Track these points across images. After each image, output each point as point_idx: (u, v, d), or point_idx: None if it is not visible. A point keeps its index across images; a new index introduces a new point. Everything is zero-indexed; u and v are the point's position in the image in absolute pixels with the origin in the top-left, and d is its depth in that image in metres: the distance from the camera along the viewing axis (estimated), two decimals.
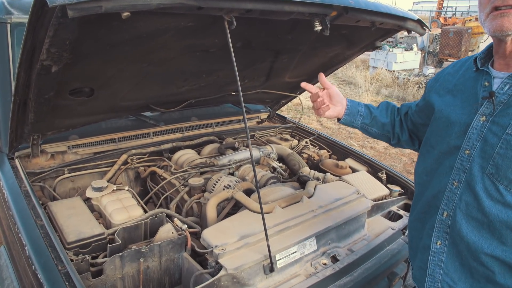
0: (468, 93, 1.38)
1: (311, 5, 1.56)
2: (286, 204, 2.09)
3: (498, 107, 1.23)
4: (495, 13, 1.16)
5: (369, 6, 1.75)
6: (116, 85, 2.13)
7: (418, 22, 2.14)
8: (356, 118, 1.79)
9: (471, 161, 1.29)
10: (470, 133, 1.30)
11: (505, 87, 1.23)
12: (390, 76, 12.65)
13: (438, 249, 1.41)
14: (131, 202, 2.04)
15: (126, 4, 1.19)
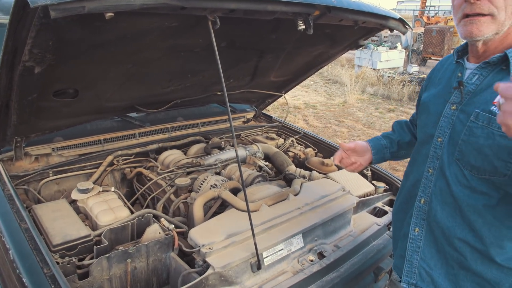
0: (445, 84, 1.45)
1: (294, 5, 1.58)
2: (273, 202, 2.11)
3: (467, 96, 1.31)
4: (466, 20, 1.23)
5: (352, 5, 1.78)
6: (100, 86, 2.12)
7: (400, 21, 2.18)
8: (384, 152, 1.83)
9: (443, 148, 1.36)
10: (441, 121, 1.38)
11: (474, 77, 1.30)
12: (375, 74, 12.77)
13: (416, 235, 1.47)
14: (117, 203, 2.03)
15: (109, 5, 1.19)
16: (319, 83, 13.34)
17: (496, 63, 1.25)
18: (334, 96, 11.31)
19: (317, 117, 8.86)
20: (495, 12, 1.18)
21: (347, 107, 10.01)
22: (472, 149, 1.25)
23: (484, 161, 1.22)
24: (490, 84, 1.25)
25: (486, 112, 1.21)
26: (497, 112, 1.14)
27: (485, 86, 1.27)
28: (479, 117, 1.23)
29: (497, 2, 1.17)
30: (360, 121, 8.75)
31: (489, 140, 1.20)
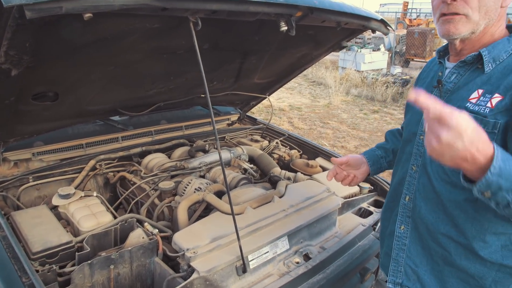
0: (428, 83, 1.50)
1: (276, 6, 1.57)
2: (258, 204, 2.10)
3: (446, 94, 1.35)
4: (443, 18, 1.26)
5: (334, 6, 1.78)
6: (81, 89, 2.08)
7: (382, 22, 2.19)
8: (380, 162, 1.83)
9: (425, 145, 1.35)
10: (423, 119, 1.37)
11: (452, 76, 1.34)
12: (359, 76, 12.87)
13: (401, 233, 1.49)
14: (100, 208, 1.99)
15: (88, 5, 1.16)
16: (304, 85, 13.39)
17: (472, 62, 1.29)
18: (319, 98, 11.36)
19: (302, 119, 8.88)
20: (469, 13, 1.21)
21: (332, 109, 10.07)
22: None
23: None
24: (467, 82, 1.29)
25: (462, 109, 1.23)
26: (471, 109, 1.22)
27: (462, 84, 1.31)
28: None
29: (471, 3, 1.20)
30: (345, 122, 8.80)
31: None
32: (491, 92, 1.20)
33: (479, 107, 1.20)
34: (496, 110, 1.16)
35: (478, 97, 1.22)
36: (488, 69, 1.24)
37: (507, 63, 1.22)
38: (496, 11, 1.23)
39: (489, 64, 1.24)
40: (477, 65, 1.28)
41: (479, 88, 1.24)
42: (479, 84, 1.25)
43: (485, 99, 1.20)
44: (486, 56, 1.24)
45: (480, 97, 1.22)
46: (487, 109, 1.18)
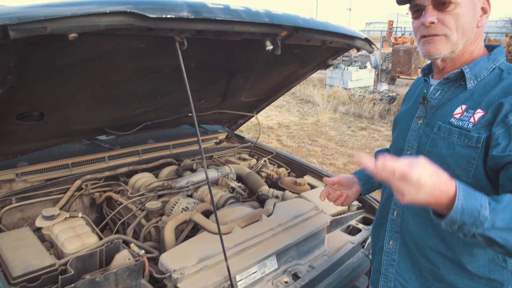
0: (413, 101, 1.53)
1: (262, 25, 1.59)
2: (245, 223, 2.08)
3: (431, 110, 1.39)
4: (424, 39, 1.32)
5: (318, 26, 1.81)
6: (67, 108, 2.06)
7: (366, 41, 2.22)
8: (372, 182, 1.83)
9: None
10: (410, 135, 1.45)
11: (437, 92, 1.39)
12: (347, 93, 13.00)
13: (390, 248, 1.50)
14: (85, 229, 1.96)
15: (72, 25, 1.16)
16: (292, 103, 13.47)
17: (455, 79, 1.34)
18: (307, 116, 11.43)
19: (290, 137, 8.91)
20: (448, 33, 1.27)
21: (320, 126, 10.12)
22: (436, 159, 1.27)
23: (447, 170, 1.24)
24: (451, 98, 1.34)
25: (446, 124, 1.29)
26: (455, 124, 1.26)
27: (446, 100, 1.35)
28: (440, 128, 1.31)
29: (449, 25, 1.26)
30: (333, 139, 8.85)
31: (450, 150, 1.26)
32: (474, 107, 1.24)
33: (462, 122, 1.24)
34: (478, 125, 1.20)
35: (461, 113, 1.27)
36: (471, 85, 1.29)
37: (488, 80, 1.27)
38: (473, 31, 1.29)
39: (471, 80, 1.29)
40: (460, 81, 1.33)
41: (462, 104, 1.28)
42: (462, 100, 1.29)
43: (469, 114, 1.25)
44: (468, 73, 1.29)
45: (463, 112, 1.26)
46: (471, 124, 1.22)
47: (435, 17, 1.25)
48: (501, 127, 1.15)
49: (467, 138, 1.22)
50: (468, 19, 1.26)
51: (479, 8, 1.28)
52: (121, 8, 1.21)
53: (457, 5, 1.24)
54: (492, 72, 1.28)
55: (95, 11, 1.17)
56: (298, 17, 1.72)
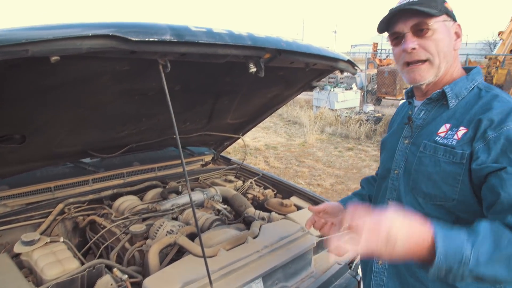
0: (399, 122, 1.59)
1: (245, 48, 1.61)
2: (231, 246, 2.05)
3: (416, 130, 1.44)
4: (407, 68, 1.38)
5: (301, 48, 1.84)
6: (50, 131, 2.04)
7: (349, 63, 2.26)
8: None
9: (399, 179, 1.45)
10: (397, 155, 1.48)
11: (421, 112, 1.45)
12: (333, 114, 13.16)
13: (379, 268, 1.50)
14: (66, 254, 1.91)
15: (54, 48, 1.16)
16: (279, 124, 13.55)
17: (437, 99, 1.40)
18: (294, 137, 11.49)
19: (278, 158, 8.93)
20: (431, 58, 1.33)
21: (307, 147, 10.17)
22: (423, 177, 1.34)
23: (434, 187, 1.31)
24: (435, 117, 1.40)
25: (432, 142, 1.33)
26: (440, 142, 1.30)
27: (430, 119, 1.41)
28: (426, 147, 1.35)
29: (430, 49, 1.32)
30: (320, 160, 8.88)
31: (436, 167, 1.29)
32: (457, 125, 1.29)
33: (447, 140, 1.29)
34: (462, 141, 1.25)
35: (446, 131, 1.32)
36: (452, 104, 1.35)
37: (468, 99, 1.33)
38: (451, 54, 1.37)
39: (452, 100, 1.35)
40: (442, 101, 1.38)
41: (446, 123, 1.34)
42: (446, 118, 1.35)
43: (452, 132, 1.29)
44: (449, 93, 1.35)
45: (448, 131, 1.31)
46: (455, 141, 1.27)
47: (415, 43, 1.32)
48: (481, 142, 1.19)
49: (451, 155, 1.26)
50: (446, 43, 1.34)
51: (453, 32, 1.36)
52: (104, 32, 1.21)
53: (434, 31, 1.31)
54: (472, 91, 1.35)
55: (78, 34, 1.17)
56: (281, 39, 1.75)
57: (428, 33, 1.31)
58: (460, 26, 1.39)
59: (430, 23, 1.30)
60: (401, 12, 1.33)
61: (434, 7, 1.31)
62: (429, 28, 1.30)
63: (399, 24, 1.35)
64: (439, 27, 1.32)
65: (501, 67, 11.90)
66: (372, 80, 16.64)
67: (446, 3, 1.36)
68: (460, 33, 1.39)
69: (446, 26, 1.34)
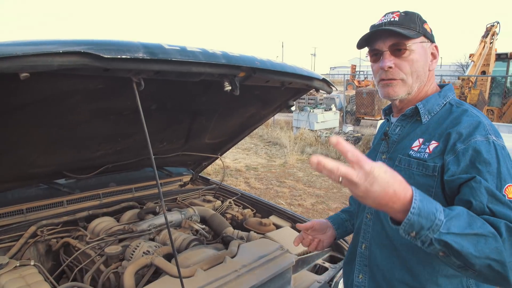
0: (378, 139, 1.64)
1: (219, 67, 1.63)
2: (208, 266, 2.02)
3: (392, 145, 1.48)
4: (383, 82, 1.44)
5: (275, 67, 1.86)
6: (22, 150, 2.00)
7: (324, 81, 2.30)
8: (346, 225, 1.86)
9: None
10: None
11: (396, 128, 1.50)
12: (313, 135, 13.27)
13: (360, 282, 1.52)
14: (36, 278, 1.85)
15: (24, 65, 1.15)
16: (260, 145, 13.57)
17: (411, 115, 1.46)
18: (275, 158, 11.51)
19: (258, 179, 8.91)
20: (404, 78, 1.40)
21: (288, 168, 10.19)
22: None
23: None
24: (409, 132, 1.44)
25: (406, 156, 1.38)
26: (414, 155, 1.35)
27: (405, 134, 1.46)
28: (401, 161, 1.39)
29: (405, 70, 1.39)
30: (301, 180, 8.90)
31: (410, 180, 1.30)
32: (429, 140, 1.34)
33: (420, 154, 1.34)
34: (433, 154, 1.29)
35: (419, 145, 1.36)
36: (425, 120, 1.40)
37: (440, 115, 1.39)
38: (425, 75, 1.43)
39: (425, 115, 1.41)
40: (416, 117, 1.44)
41: (419, 137, 1.38)
42: (419, 134, 1.40)
43: (425, 146, 1.34)
44: (421, 109, 1.41)
45: (421, 145, 1.36)
46: (426, 154, 1.31)
47: (392, 62, 1.38)
48: (451, 155, 1.24)
49: (424, 168, 1.30)
50: (421, 64, 1.40)
51: (429, 53, 1.43)
52: (76, 48, 1.21)
53: (411, 52, 1.37)
54: (444, 107, 1.41)
55: (48, 50, 1.16)
56: (255, 58, 1.77)
57: (405, 53, 1.37)
58: (437, 47, 1.45)
59: (408, 44, 1.36)
60: (381, 31, 1.39)
61: (413, 29, 1.38)
62: (406, 49, 1.37)
63: (379, 42, 1.41)
64: (416, 49, 1.38)
65: (474, 87, 12.26)
66: (351, 101, 16.93)
67: (426, 24, 1.43)
68: (436, 54, 1.46)
69: (423, 47, 1.40)
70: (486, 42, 12.70)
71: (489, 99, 13.47)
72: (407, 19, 1.39)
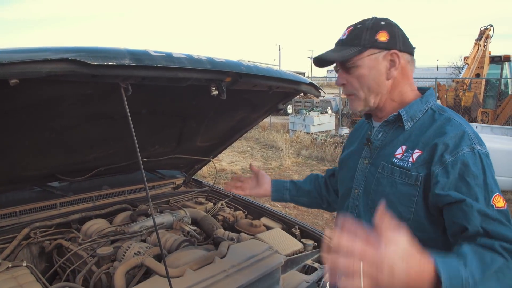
0: (359, 142, 1.65)
1: (206, 72, 1.67)
2: (198, 266, 2.07)
3: (375, 151, 1.49)
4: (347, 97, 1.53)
5: (261, 72, 1.91)
6: (14, 154, 2.04)
7: (311, 85, 2.35)
8: (283, 193, 1.99)
9: (359, 198, 1.50)
10: (357, 175, 1.53)
11: (379, 134, 1.51)
12: (309, 138, 13.35)
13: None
14: (28, 278, 1.89)
15: (14, 72, 1.18)
16: (256, 148, 13.63)
17: (394, 121, 1.46)
18: (271, 161, 11.56)
19: None
20: (355, 93, 1.46)
21: (284, 170, 10.24)
22: (380, 197, 1.39)
23: (390, 207, 1.34)
24: (392, 139, 1.45)
25: (389, 164, 1.39)
26: (397, 163, 1.36)
27: (388, 141, 1.47)
28: (384, 168, 1.41)
29: (354, 85, 1.44)
30: None
31: (392, 188, 1.36)
32: (413, 148, 1.35)
33: (403, 162, 1.35)
34: (417, 164, 1.31)
35: (402, 153, 1.37)
36: (408, 126, 1.41)
37: (422, 121, 1.40)
38: (381, 86, 1.42)
39: (408, 122, 1.41)
40: (399, 123, 1.44)
41: (402, 145, 1.39)
42: (402, 141, 1.41)
43: (408, 154, 1.35)
44: (404, 116, 1.41)
45: (404, 152, 1.37)
46: (410, 163, 1.33)
47: (345, 79, 1.45)
48: (439, 166, 1.26)
49: (407, 177, 1.32)
50: (371, 78, 1.41)
51: (384, 63, 1.39)
52: (63, 56, 1.26)
53: (357, 67, 1.40)
54: (426, 113, 1.41)
55: (37, 58, 1.21)
56: (241, 63, 1.82)
57: (351, 70, 1.42)
58: (397, 53, 1.39)
59: (352, 61, 1.40)
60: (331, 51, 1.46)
61: (357, 45, 1.39)
62: (353, 66, 1.41)
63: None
64: (362, 64, 1.39)
65: (468, 90, 12.38)
66: (347, 104, 17.01)
67: (379, 33, 1.39)
68: (396, 61, 1.39)
69: (373, 59, 1.39)
70: (480, 45, 12.81)
71: (483, 101, 13.60)
72: (353, 36, 1.41)
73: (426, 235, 1.31)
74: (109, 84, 1.49)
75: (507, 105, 12.75)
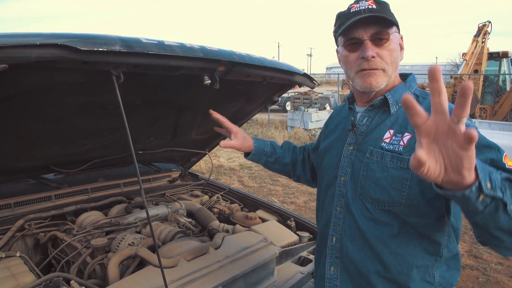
0: (342, 128, 1.61)
1: (198, 60, 1.66)
2: (192, 256, 2.07)
3: (360, 136, 1.46)
4: (363, 72, 1.37)
5: (254, 61, 1.90)
6: (7, 144, 2.03)
7: (306, 76, 2.34)
8: (260, 156, 1.95)
9: (346, 185, 1.47)
10: (342, 161, 1.50)
11: (364, 119, 1.48)
12: (307, 134, 13.36)
13: (332, 275, 1.51)
14: (22, 268, 1.88)
15: (2, 56, 1.16)
16: None
17: (379, 106, 1.44)
18: None
19: (252, 178, 8.96)
20: (385, 68, 1.36)
21: None
22: (371, 183, 1.37)
23: (382, 192, 1.34)
24: (378, 123, 1.42)
25: (378, 148, 1.37)
26: (386, 148, 1.33)
27: (374, 126, 1.44)
28: (373, 153, 1.38)
29: (386, 59, 1.35)
30: None
31: (384, 172, 1.33)
32: (401, 131, 1.33)
33: (393, 146, 1.33)
34: (408, 147, 1.29)
35: (391, 137, 1.35)
36: (394, 110, 1.40)
37: None
38: (398, 65, 1.41)
39: (393, 106, 1.40)
40: (384, 107, 1.43)
41: (389, 129, 1.37)
42: (389, 125, 1.39)
43: (397, 138, 1.33)
44: (390, 100, 1.40)
45: (392, 136, 1.35)
46: (401, 147, 1.30)
47: (374, 51, 1.32)
48: None
49: (399, 161, 1.29)
50: (397, 54, 1.38)
51: (398, 44, 1.40)
52: (53, 41, 1.25)
53: (391, 41, 1.34)
54: None
55: (26, 42, 1.20)
56: (234, 52, 1.81)
57: (386, 43, 1.33)
58: (402, 38, 1.43)
59: (390, 32, 1.33)
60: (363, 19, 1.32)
61: (391, 16, 1.34)
62: (388, 38, 1.33)
63: (359, 31, 1.34)
64: (394, 38, 1.35)
65: None
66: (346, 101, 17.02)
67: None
68: (403, 45, 1.43)
69: (396, 38, 1.38)
70: (478, 41, 12.81)
71: (481, 97, 13.59)
72: (383, 8, 1.34)
73: (420, 221, 1.30)
74: (101, 72, 1.48)
75: (505, 101, 12.75)
